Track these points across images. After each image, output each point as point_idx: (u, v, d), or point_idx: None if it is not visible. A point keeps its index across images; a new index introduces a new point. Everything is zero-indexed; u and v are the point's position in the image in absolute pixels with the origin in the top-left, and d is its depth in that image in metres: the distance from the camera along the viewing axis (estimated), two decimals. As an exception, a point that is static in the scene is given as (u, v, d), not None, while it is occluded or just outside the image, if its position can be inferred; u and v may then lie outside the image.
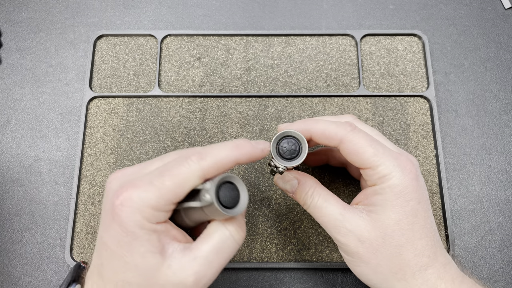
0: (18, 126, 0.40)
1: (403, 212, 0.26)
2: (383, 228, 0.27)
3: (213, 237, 0.25)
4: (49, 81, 0.42)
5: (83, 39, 0.43)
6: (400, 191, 0.27)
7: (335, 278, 0.36)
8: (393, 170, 0.27)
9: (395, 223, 0.26)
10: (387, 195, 0.27)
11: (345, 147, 0.28)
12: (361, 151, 0.27)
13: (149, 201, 0.23)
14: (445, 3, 0.45)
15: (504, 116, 0.41)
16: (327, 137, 0.28)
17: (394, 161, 0.27)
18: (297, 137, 0.28)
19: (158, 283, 0.23)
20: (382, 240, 0.27)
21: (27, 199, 0.38)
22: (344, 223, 0.27)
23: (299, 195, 0.30)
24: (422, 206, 0.27)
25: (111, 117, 0.40)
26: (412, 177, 0.27)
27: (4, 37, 0.43)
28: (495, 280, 0.36)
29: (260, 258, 0.36)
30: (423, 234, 0.27)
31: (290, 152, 0.28)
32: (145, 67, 0.42)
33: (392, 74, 0.42)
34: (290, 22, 0.44)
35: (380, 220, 0.27)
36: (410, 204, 0.27)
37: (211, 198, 0.23)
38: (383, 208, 0.27)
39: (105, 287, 0.24)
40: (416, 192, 0.27)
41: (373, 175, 0.27)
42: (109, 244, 0.24)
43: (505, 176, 0.39)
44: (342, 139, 0.28)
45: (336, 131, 0.28)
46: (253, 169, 0.38)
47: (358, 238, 0.27)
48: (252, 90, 0.41)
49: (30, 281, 0.36)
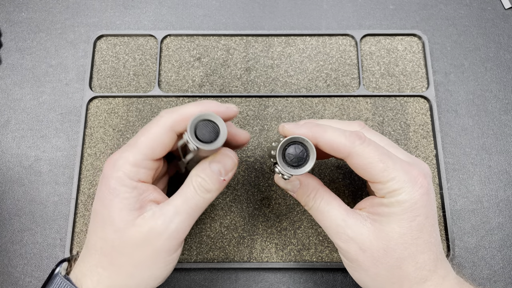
0: (18, 126, 0.40)
1: (409, 227, 0.26)
2: (386, 240, 0.26)
3: (182, 190, 0.27)
4: (49, 81, 0.42)
5: (83, 39, 0.43)
6: (409, 207, 0.26)
7: (335, 278, 0.36)
8: (404, 185, 0.26)
9: (399, 236, 0.26)
10: (395, 209, 0.26)
11: (353, 161, 0.27)
12: (370, 166, 0.26)
13: (127, 158, 0.26)
14: (445, 3, 0.45)
15: (504, 116, 0.41)
16: (335, 149, 0.27)
17: (405, 175, 0.26)
18: (305, 143, 0.26)
19: (131, 238, 0.25)
20: (384, 252, 0.26)
21: (27, 199, 0.38)
22: (346, 230, 0.27)
23: (301, 196, 0.30)
24: (429, 221, 0.26)
25: (111, 117, 0.40)
26: (423, 192, 0.26)
27: (4, 37, 0.43)
28: (495, 280, 0.36)
29: (260, 258, 0.36)
30: (426, 248, 0.26)
31: (298, 160, 0.26)
32: (145, 67, 0.42)
33: (392, 74, 0.42)
34: (290, 22, 0.44)
35: (384, 231, 0.26)
36: (417, 220, 0.26)
37: (187, 134, 0.25)
38: (388, 220, 0.26)
39: (86, 250, 0.27)
40: (425, 207, 0.26)
41: (383, 189, 0.26)
42: (96, 208, 0.27)
43: (505, 176, 0.39)
44: (350, 153, 0.26)
45: (345, 144, 0.26)
46: (253, 169, 0.38)
47: (359, 246, 0.26)
48: (252, 90, 0.41)
49: (30, 281, 0.36)
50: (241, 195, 0.38)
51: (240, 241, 0.36)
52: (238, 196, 0.38)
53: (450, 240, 0.36)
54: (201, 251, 0.36)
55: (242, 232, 0.37)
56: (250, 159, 0.39)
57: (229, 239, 0.36)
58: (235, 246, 0.36)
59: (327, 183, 0.38)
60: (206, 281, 0.36)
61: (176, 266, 0.35)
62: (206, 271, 0.36)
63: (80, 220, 0.37)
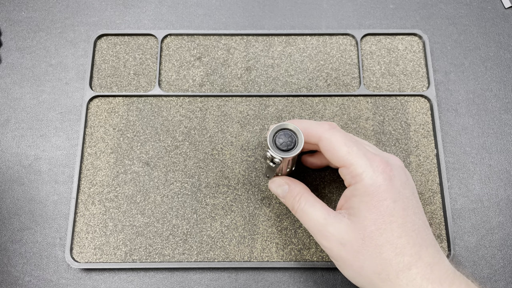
0: (17, 125, 0.40)
1: (378, 212, 0.27)
2: (362, 230, 0.27)
3: None
4: (49, 80, 0.42)
5: (83, 38, 0.43)
6: (374, 191, 0.27)
7: (335, 277, 0.36)
8: (365, 169, 0.28)
9: (372, 223, 0.27)
10: (362, 196, 0.28)
11: (323, 144, 0.30)
12: (336, 149, 0.29)
13: None
14: (445, 2, 0.45)
15: (504, 115, 0.41)
16: (308, 134, 0.30)
17: (367, 161, 0.28)
18: (293, 130, 0.29)
19: None
20: (362, 241, 0.27)
21: (26, 198, 0.38)
22: (327, 227, 0.28)
23: (288, 199, 0.32)
24: (400, 204, 0.27)
25: (111, 116, 0.40)
26: (385, 177, 0.27)
27: (4, 36, 0.43)
28: (496, 280, 0.36)
29: (260, 258, 0.36)
30: (402, 233, 0.27)
31: (287, 144, 0.29)
32: (145, 66, 0.42)
33: (392, 73, 0.42)
34: (290, 21, 0.44)
35: (358, 222, 0.27)
36: (384, 204, 0.27)
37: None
38: (359, 209, 0.28)
39: None
40: (390, 192, 0.27)
41: (347, 174, 0.29)
42: None
43: (506, 175, 0.39)
44: (320, 137, 0.30)
45: (317, 129, 0.30)
46: (253, 169, 0.38)
47: (339, 241, 0.28)
48: (253, 89, 0.41)
49: (29, 280, 0.36)
50: (242, 194, 0.38)
51: (241, 240, 0.36)
52: (238, 195, 0.38)
53: (450, 239, 0.36)
54: (202, 251, 0.36)
55: (243, 231, 0.37)
56: (250, 159, 0.39)
57: (229, 238, 0.36)
58: (235, 246, 0.36)
59: (327, 182, 0.38)
60: (206, 281, 0.36)
61: (176, 266, 0.36)
62: (207, 270, 0.36)
63: (80, 220, 0.37)
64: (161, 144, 0.39)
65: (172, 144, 0.39)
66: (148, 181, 0.38)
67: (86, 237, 0.37)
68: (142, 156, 0.39)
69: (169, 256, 0.36)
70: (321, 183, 0.38)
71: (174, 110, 0.40)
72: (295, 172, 0.38)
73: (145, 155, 0.39)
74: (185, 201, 0.37)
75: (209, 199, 0.37)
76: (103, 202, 0.37)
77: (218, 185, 0.38)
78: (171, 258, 0.36)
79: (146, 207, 0.37)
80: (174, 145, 0.39)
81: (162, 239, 0.36)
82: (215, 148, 0.39)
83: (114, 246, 0.36)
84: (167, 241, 0.36)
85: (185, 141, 0.39)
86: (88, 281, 0.36)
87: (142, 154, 0.39)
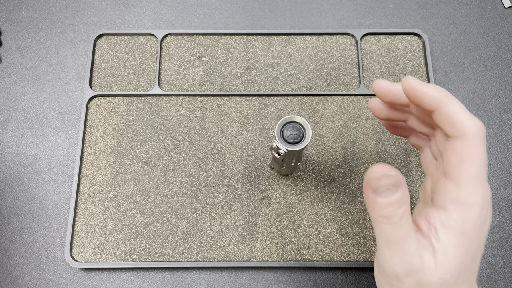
0: (17, 125, 0.40)
1: (464, 255, 0.22)
2: (445, 273, 0.22)
3: None
4: (49, 80, 0.42)
5: (83, 38, 0.43)
6: (470, 229, 0.22)
7: (335, 277, 0.36)
8: (477, 200, 0.22)
9: (455, 267, 0.22)
10: (454, 232, 0.22)
11: (442, 111, 0.24)
12: (457, 116, 0.23)
13: None
14: (445, 2, 0.45)
15: (504, 115, 0.41)
16: (425, 97, 0.25)
17: (483, 193, 0.22)
18: (302, 123, 0.29)
19: None
20: (440, 286, 0.22)
21: (26, 198, 0.38)
22: (417, 273, 0.23)
23: (391, 205, 0.23)
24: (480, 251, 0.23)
25: (111, 116, 0.40)
26: (484, 219, 0.23)
27: (4, 36, 0.43)
28: (496, 279, 0.36)
29: (260, 257, 0.36)
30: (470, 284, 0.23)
31: (294, 137, 0.29)
32: (145, 66, 0.42)
33: (392, 73, 0.42)
34: (290, 21, 0.44)
35: (443, 262, 0.22)
36: (471, 249, 0.22)
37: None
38: (447, 246, 0.22)
39: None
40: (479, 235, 0.23)
41: (452, 194, 0.22)
42: None
43: (506, 175, 0.39)
44: (441, 101, 0.24)
45: (434, 92, 0.25)
46: (253, 168, 0.38)
47: (417, 281, 0.23)
48: (252, 89, 0.41)
49: (29, 280, 0.36)
50: (241, 194, 0.38)
51: (240, 240, 0.36)
52: (238, 195, 0.38)
53: (450, 239, 0.36)
54: (202, 250, 0.36)
55: (242, 231, 0.37)
56: (250, 158, 0.39)
57: (229, 238, 0.36)
58: (235, 245, 0.36)
59: (327, 181, 0.38)
60: (206, 280, 0.36)
61: (176, 265, 0.36)
62: (206, 270, 0.36)
63: (80, 219, 0.37)
64: (160, 143, 0.39)
65: (172, 144, 0.39)
66: (147, 180, 0.38)
67: (85, 237, 0.37)
68: (141, 155, 0.39)
69: (168, 256, 0.36)
70: (321, 183, 0.38)
71: (174, 109, 0.40)
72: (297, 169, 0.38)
73: (145, 154, 0.39)
74: (185, 201, 0.37)
75: (208, 198, 0.37)
76: (103, 202, 0.37)
77: (217, 185, 0.38)
78: (170, 257, 0.36)
79: (145, 206, 0.37)
80: (174, 144, 0.39)
81: (162, 239, 0.36)
82: (215, 147, 0.39)
83: (114, 245, 0.36)
84: (166, 240, 0.36)
85: (184, 140, 0.39)
86: (88, 280, 0.36)
87: (142, 154, 0.39)
